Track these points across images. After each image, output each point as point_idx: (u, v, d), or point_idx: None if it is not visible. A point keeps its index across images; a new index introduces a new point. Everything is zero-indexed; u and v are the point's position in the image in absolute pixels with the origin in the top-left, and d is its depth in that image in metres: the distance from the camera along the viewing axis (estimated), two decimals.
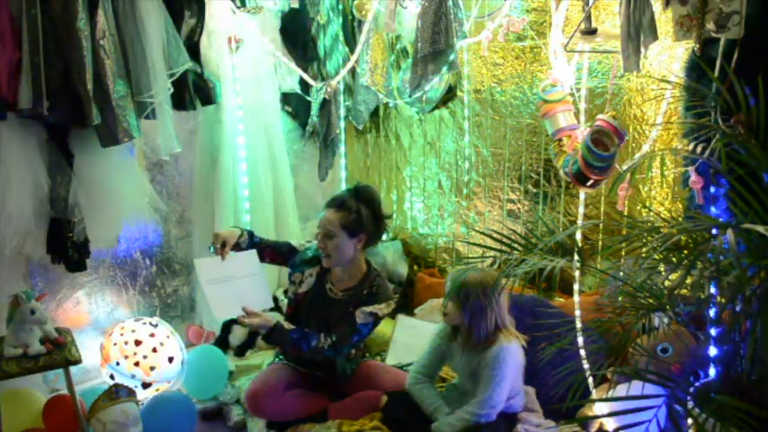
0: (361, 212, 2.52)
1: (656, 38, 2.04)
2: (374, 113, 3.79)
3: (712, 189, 2.00)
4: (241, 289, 2.52)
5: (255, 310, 2.46)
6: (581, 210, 2.49)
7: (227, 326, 3.28)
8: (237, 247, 2.62)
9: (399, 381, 2.60)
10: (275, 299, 3.49)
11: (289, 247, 2.73)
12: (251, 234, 2.69)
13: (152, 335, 2.92)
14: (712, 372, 2.01)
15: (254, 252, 2.64)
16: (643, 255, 1.86)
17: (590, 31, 2.35)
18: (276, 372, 2.72)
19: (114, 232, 2.88)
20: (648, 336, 2.36)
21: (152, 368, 2.86)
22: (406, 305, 3.51)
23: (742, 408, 1.66)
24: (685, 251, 1.77)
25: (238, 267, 2.57)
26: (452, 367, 2.59)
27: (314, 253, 2.68)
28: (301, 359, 2.65)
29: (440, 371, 2.62)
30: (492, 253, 2.25)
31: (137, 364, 2.84)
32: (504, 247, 2.17)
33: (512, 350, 2.37)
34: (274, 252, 2.71)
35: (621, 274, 2.26)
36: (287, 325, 2.50)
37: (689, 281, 1.68)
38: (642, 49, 2.04)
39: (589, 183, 2.25)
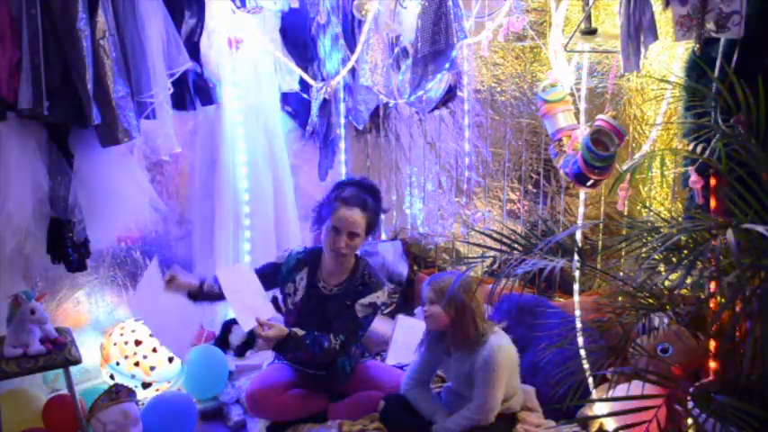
0: (378, 213, 2.61)
1: (656, 38, 2.04)
2: (374, 113, 3.79)
3: None
4: (251, 299, 2.54)
5: (267, 319, 2.48)
6: (581, 210, 2.49)
7: (227, 326, 3.28)
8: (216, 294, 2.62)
9: (399, 381, 2.60)
10: (275, 299, 3.49)
11: (274, 266, 2.70)
12: None
13: (152, 335, 2.92)
14: (712, 372, 2.02)
15: (245, 265, 2.65)
16: (643, 255, 1.86)
17: (590, 31, 2.35)
18: (276, 372, 2.73)
19: (114, 232, 2.88)
20: (648, 336, 2.37)
21: (152, 368, 2.86)
22: (406, 305, 3.52)
23: (742, 408, 1.66)
24: (685, 251, 1.77)
25: (244, 280, 2.58)
26: (446, 374, 2.58)
27: (297, 257, 2.68)
28: (304, 361, 2.65)
29: (434, 375, 2.61)
30: (492, 253, 2.25)
31: (137, 364, 2.84)
32: (504, 247, 2.17)
33: (503, 350, 2.34)
34: (264, 278, 2.65)
35: (621, 274, 2.26)
36: (298, 331, 2.50)
37: (689, 281, 1.68)
38: (642, 49, 2.04)
39: (589, 183, 2.26)
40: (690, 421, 1.76)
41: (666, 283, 1.91)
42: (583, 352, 2.41)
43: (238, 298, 2.52)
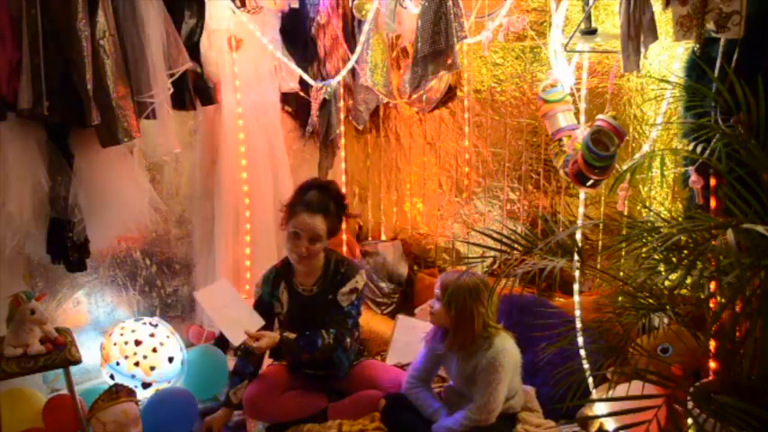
0: (339, 215, 2.61)
1: (656, 38, 2.04)
2: (374, 113, 3.79)
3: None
4: (237, 313, 2.55)
5: (255, 331, 2.50)
6: (581, 210, 2.49)
7: None
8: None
9: (399, 380, 2.60)
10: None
11: (259, 303, 2.69)
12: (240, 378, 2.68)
13: (152, 335, 2.92)
14: (712, 372, 2.02)
15: (226, 281, 2.73)
16: (643, 255, 1.86)
17: (590, 31, 2.35)
18: (274, 374, 2.72)
19: (114, 232, 2.88)
20: (648, 336, 2.37)
21: (152, 368, 2.86)
22: (406, 305, 3.52)
23: (742, 408, 1.66)
24: (685, 251, 1.77)
25: (226, 296, 2.60)
26: (448, 372, 2.58)
27: (268, 279, 2.70)
28: (302, 362, 2.65)
29: (435, 374, 2.61)
30: (492, 253, 2.25)
31: (137, 364, 2.84)
32: (504, 247, 2.17)
33: (507, 353, 2.35)
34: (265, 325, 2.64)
35: (621, 274, 2.26)
36: (289, 334, 2.53)
37: (689, 281, 1.68)
38: (642, 49, 2.04)
39: (589, 183, 2.26)
40: (690, 421, 1.76)
41: (666, 283, 1.91)
42: (583, 352, 2.41)
43: (223, 315, 2.54)
